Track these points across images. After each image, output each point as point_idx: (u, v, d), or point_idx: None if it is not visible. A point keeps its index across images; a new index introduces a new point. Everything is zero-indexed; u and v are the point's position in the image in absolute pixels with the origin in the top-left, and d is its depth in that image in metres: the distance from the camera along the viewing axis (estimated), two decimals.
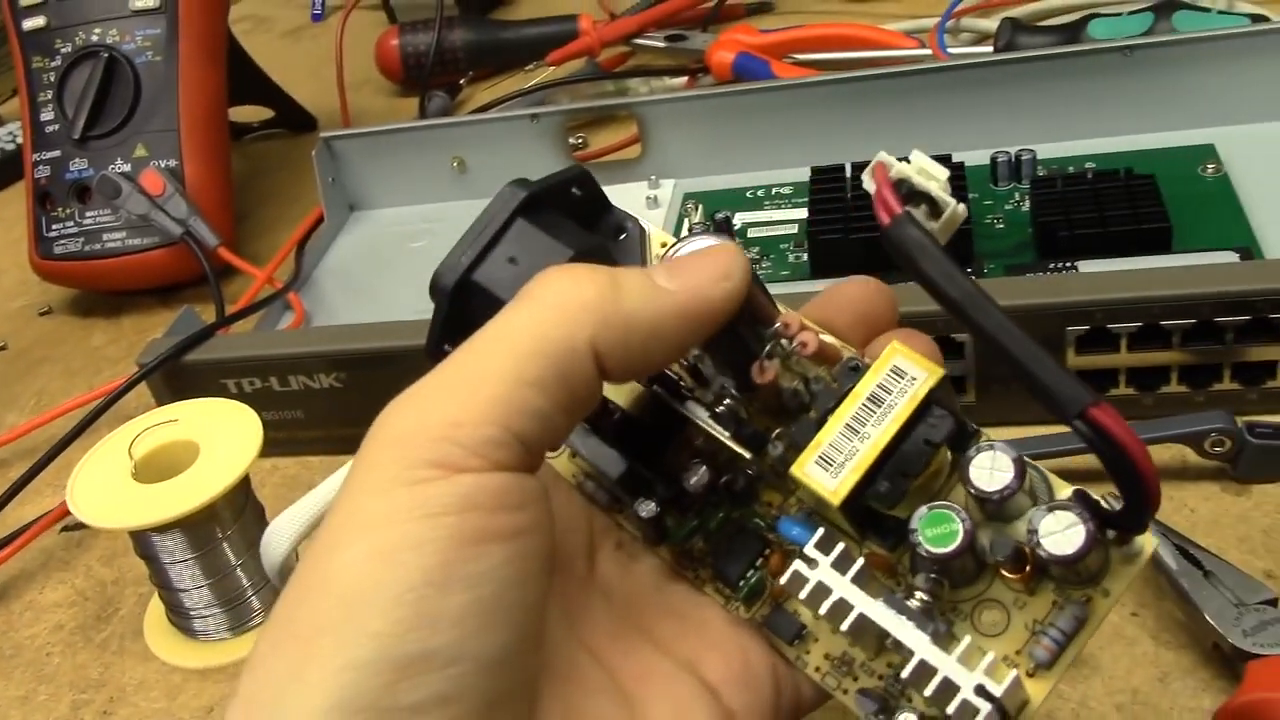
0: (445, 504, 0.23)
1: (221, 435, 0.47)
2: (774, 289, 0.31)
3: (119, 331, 0.74)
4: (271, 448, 0.49)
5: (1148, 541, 0.27)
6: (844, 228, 0.56)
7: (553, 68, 0.88)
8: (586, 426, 0.30)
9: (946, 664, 0.25)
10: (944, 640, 0.26)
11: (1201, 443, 0.44)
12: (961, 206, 0.31)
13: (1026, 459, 0.28)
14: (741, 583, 0.30)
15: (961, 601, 0.28)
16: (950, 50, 0.76)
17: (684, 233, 0.61)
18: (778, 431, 0.29)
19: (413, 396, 0.25)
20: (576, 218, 0.31)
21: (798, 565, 0.27)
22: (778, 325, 0.29)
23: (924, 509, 0.27)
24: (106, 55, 0.73)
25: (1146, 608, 0.41)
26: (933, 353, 0.28)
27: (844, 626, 0.26)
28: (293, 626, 0.24)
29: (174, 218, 0.71)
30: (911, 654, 0.26)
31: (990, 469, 0.26)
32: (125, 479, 0.46)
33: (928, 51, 0.76)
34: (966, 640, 0.26)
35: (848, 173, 0.60)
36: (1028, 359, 0.25)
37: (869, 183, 0.30)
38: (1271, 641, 0.36)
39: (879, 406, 0.27)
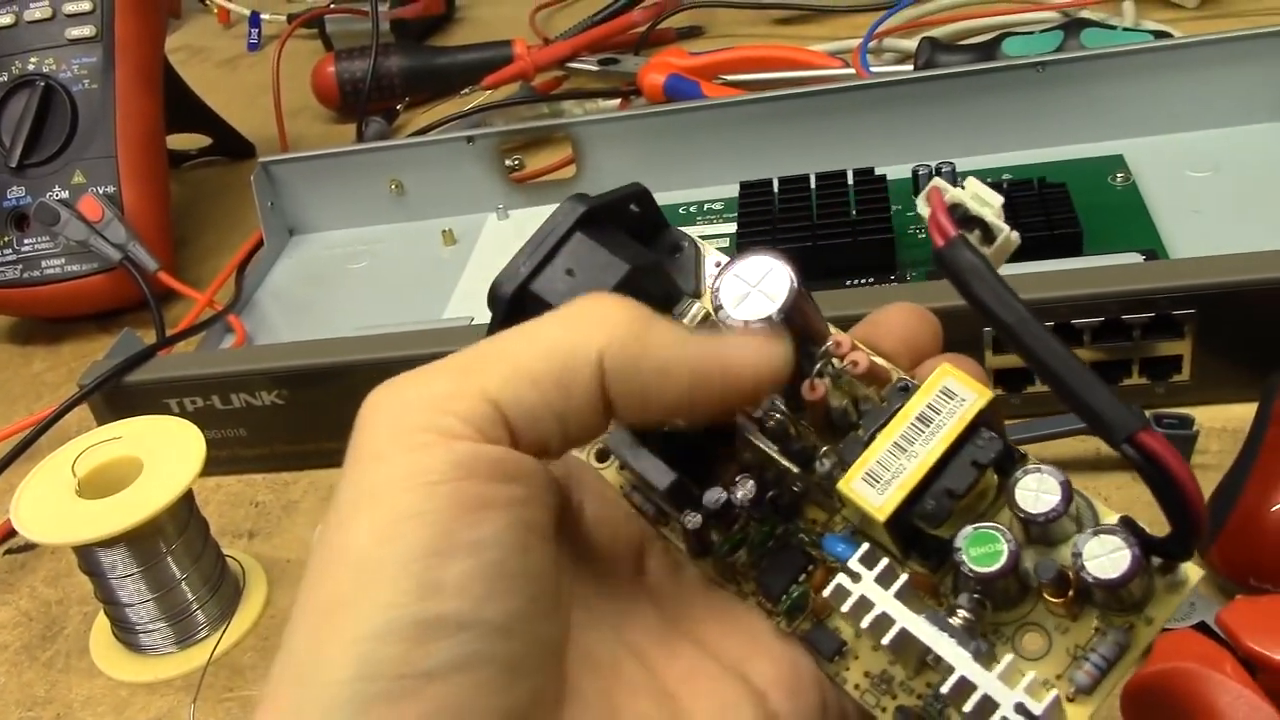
0: (442, 472, 0.24)
1: (164, 451, 0.48)
2: None
3: (59, 358, 0.74)
4: (215, 466, 0.49)
5: (1193, 571, 0.27)
6: (771, 239, 0.57)
7: (488, 91, 0.90)
8: (636, 439, 0.30)
9: (987, 681, 0.25)
10: (985, 659, 0.26)
11: None
12: (1015, 234, 0.30)
13: (1073, 485, 0.28)
14: (785, 597, 0.30)
15: (1004, 624, 0.28)
16: (872, 69, 0.78)
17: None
18: (825, 449, 0.29)
19: (412, 374, 0.26)
20: (634, 234, 0.31)
21: (841, 579, 0.27)
22: (829, 345, 0.29)
23: (969, 529, 0.26)
24: (43, 84, 0.74)
25: None
26: (980, 376, 0.29)
27: (885, 641, 0.26)
28: (311, 604, 0.24)
29: (113, 243, 0.71)
30: (952, 670, 0.25)
31: (1037, 491, 0.26)
32: (69, 496, 0.47)
33: (851, 71, 0.78)
34: (1008, 659, 0.25)
35: (775, 187, 0.62)
36: (1077, 383, 0.25)
37: (923, 207, 0.30)
38: (1177, 616, 0.38)
39: (927, 426, 0.27)
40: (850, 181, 0.60)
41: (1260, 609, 0.37)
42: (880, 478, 0.27)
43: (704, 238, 0.63)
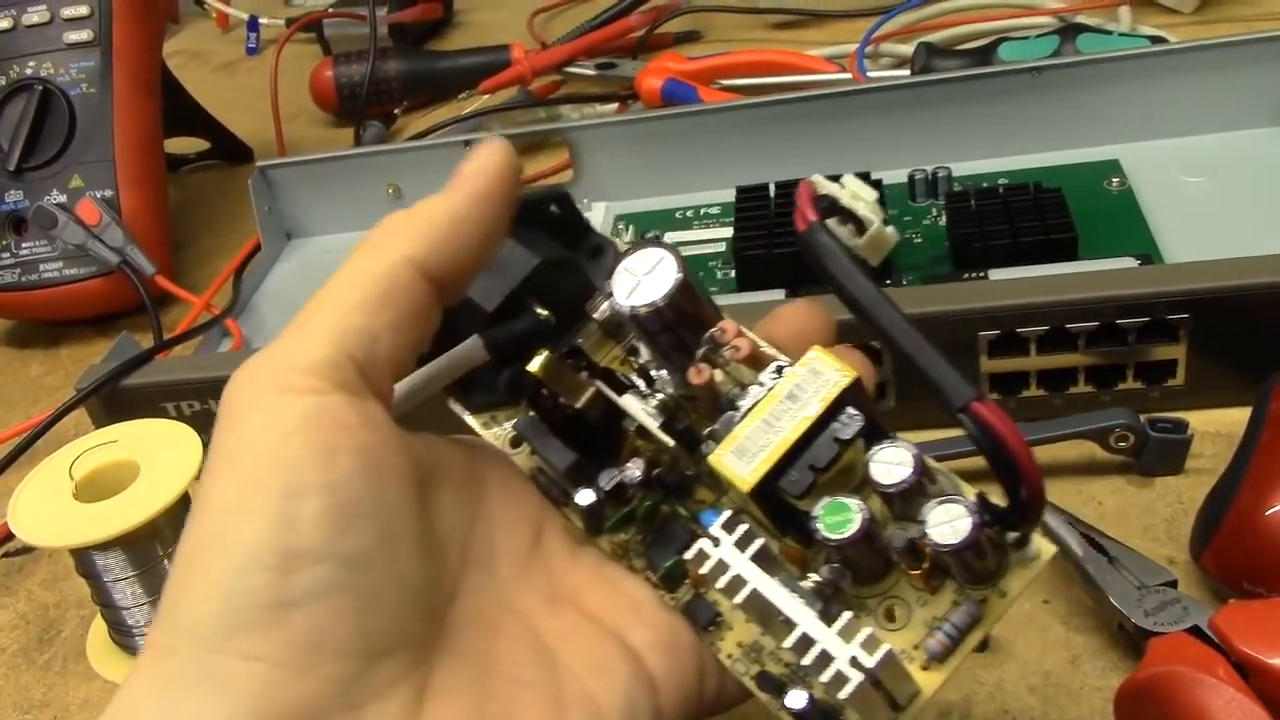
0: (294, 425, 0.26)
1: (161, 454, 0.48)
2: None
3: (57, 362, 0.74)
4: None
5: (1045, 547, 0.29)
6: (768, 244, 0.57)
7: (486, 96, 0.90)
8: (541, 423, 0.32)
9: (826, 636, 0.27)
10: (830, 619, 0.27)
11: (1107, 439, 0.46)
12: (891, 229, 0.32)
13: (935, 463, 0.29)
14: (661, 566, 0.31)
15: (868, 598, 0.30)
16: (869, 74, 0.78)
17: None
18: (709, 430, 0.30)
19: (262, 349, 0.28)
20: (556, 235, 0.33)
21: (703, 543, 0.28)
22: (714, 331, 0.30)
23: (827, 499, 0.28)
24: (41, 88, 0.74)
25: (1057, 595, 0.43)
26: (862, 366, 0.30)
27: (738, 600, 0.28)
28: (180, 553, 0.26)
29: (110, 247, 0.71)
30: (796, 627, 0.27)
31: (890, 464, 0.28)
32: (66, 499, 0.47)
33: (848, 75, 0.78)
34: (847, 616, 0.27)
35: (771, 192, 0.62)
36: (919, 355, 0.27)
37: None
38: (1171, 620, 0.38)
39: (795, 404, 0.28)
40: None
41: (1254, 613, 0.37)
42: (748, 451, 0.28)
43: (700, 242, 0.64)
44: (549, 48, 0.93)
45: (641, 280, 0.30)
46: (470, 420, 0.35)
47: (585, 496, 0.31)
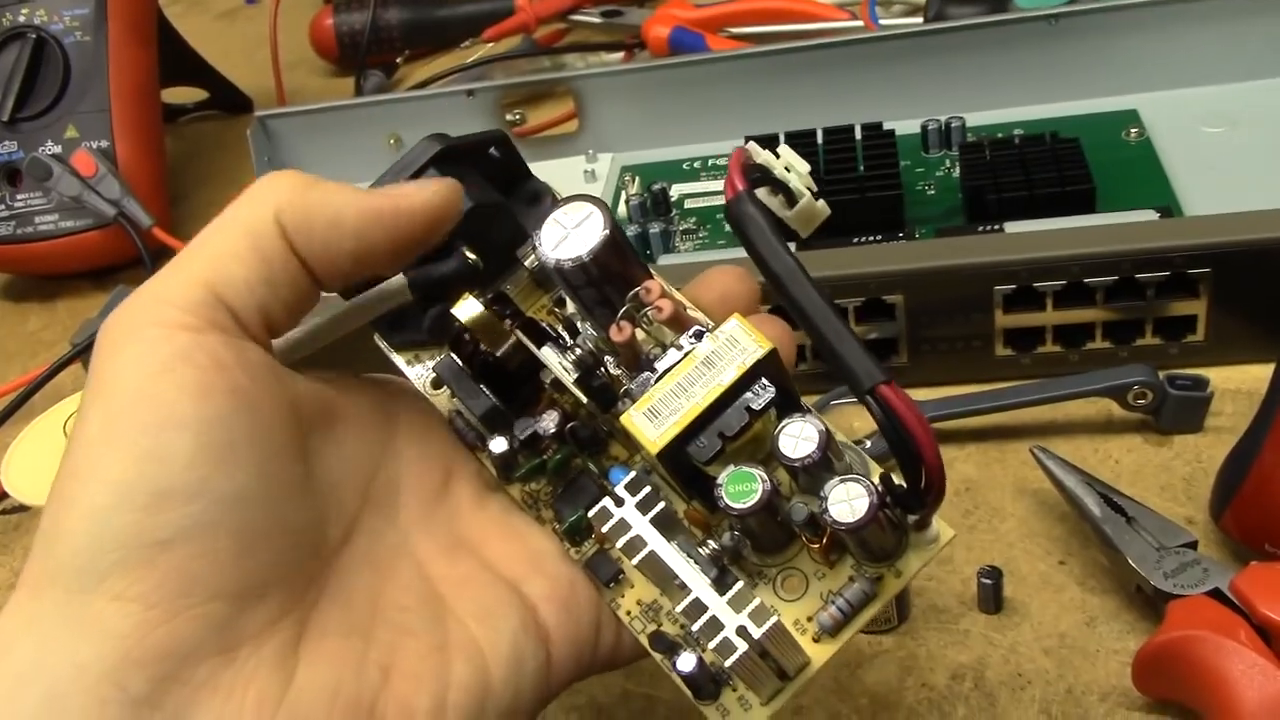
0: (166, 360, 0.25)
1: None
2: (710, 256, 0.32)
3: (54, 315, 0.73)
4: None
5: (945, 530, 0.29)
6: None
7: (489, 44, 0.88)
8: (462, 367, 0.32)
9: (716, 604, 0.27)
10: (723, 586, 0.27)
11: (1125, 396, 0.45)
12: (821, 203, 0.32)
13: (844, 439, 0.29)
14: (564, 520, 0.32)
15: (768, 567, 0.30)
16: (881, 22, 0.77)
17: (622, 204, 0.62)
18: (625, 388, 0.30)
19: (140, 287, 0.27)
20: (495, 179, 0.32)
21: (606, 502, 0.28)
22: (638, 290, 0.30)
23: (732, 467, 0.28)
24: (34, 36, 0.73)
25: (1073, 555, 0.42)
26: (783, 335, 0.30)
27: (635, 561, 0.28)
28: (55, 485, 0.25)
29: (107, 199, 0.70)
30: (689, 592, 0.27)
31: (797, 438, 0.28)
32: (60, 456, 0.46)
33: (859, 23, 0.76)
34: (739, 586, 0.27)
35: (781, 143, 0.60)
36: (832, 335, 0.27)
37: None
38: (1191, 582, 0.38)
39: (710, 370, 0.28)
40: (858, 137, 0.59)
41: (1275, 575, 0.36)
42: (660, 414, 0.28)
43: (708, 194, 0.63)
44: None
45: (570, 233, 0.30)
46: (394, 357, 0.35)
47: (498, 444, 0.32)
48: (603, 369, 0.31)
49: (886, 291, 0.49)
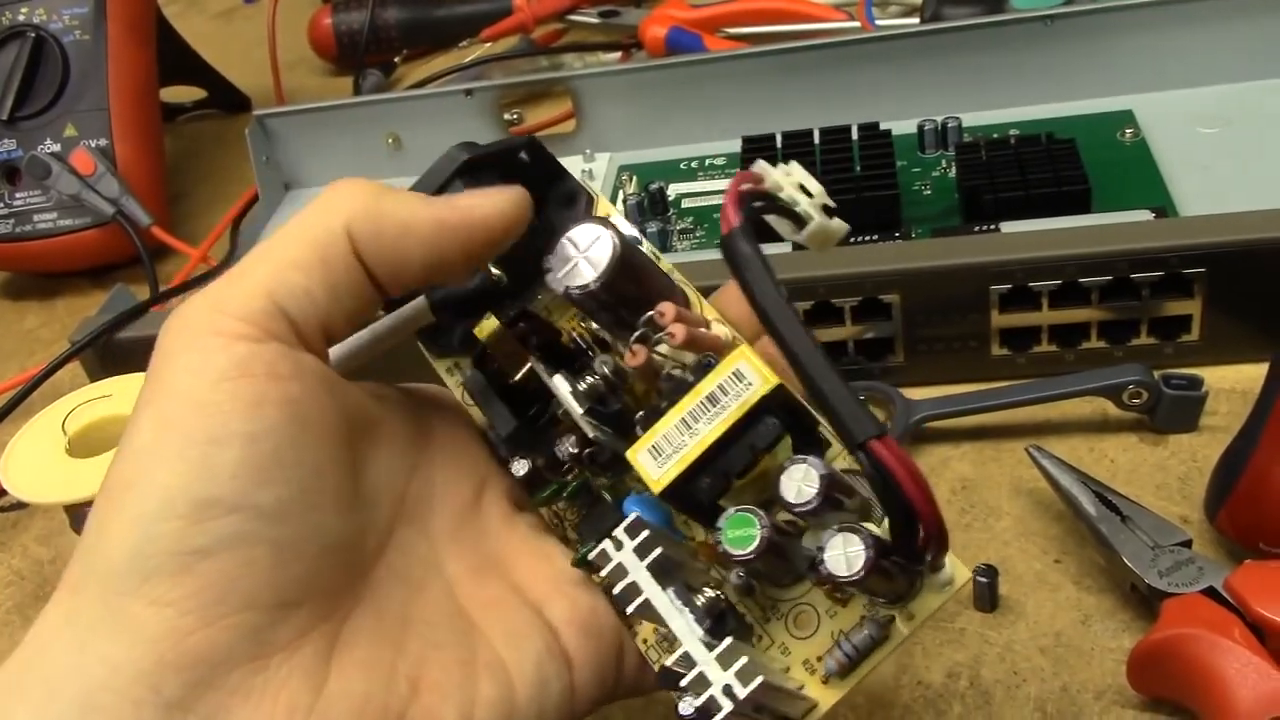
0: (222, 370, 0.26)
1: None
2: (708, 256, 0.31)
3: (52, 314, 0.73)
4: None
5: (960, 573, 0.28)
6: None
7: (487, 44, 0.88)
8: (487, 384, 0.32)
9: (704, 659, 0.26)
10: (718, 635, 0.27)
11: (1120, 395, 0.46)
12: (837, 222, 0.31)
13: (852, 482, 0.28)
14: (582, 548, 0.31)
15: (781, 601, 0.30)
16: (878, 22, 0.77)
17: (618, 204, 0.62)
18: (639, 416, 0.29)
19: (200, 290, 0.28)
20: (526, 186, 0.31)
21: (606, 544, 0.28)
22: (651, 314, 0.29)
23: (732, 510, 0.27)
24: (33, 35, 0.73)
25: (1069, 554, 0.42)
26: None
27: (630, 609, 0.27)
28: (102, 491, 0.26)
29: (105, 197, 0.70)
30: (680, 645, 0.27)
31: (799, 482, 0.26)
32: (59, 454, 0.46)
33: (856, 24, 0.77)
34: (727, 642, 0.27)
35: (778, 142, 0.61)
36: (824, 382, 0.26)
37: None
38: (1185, 581, 0.38)
39: (714, 406, 0.27)
40: (855, 137, 0.59)
41: (1269, 574, 0.36)
42: (663, 451, 0.27)
43: (705, 194, 0.63)
44: None
45: (579, 259, 0.29)
46: (436, 366, 0.34)
47: (520, 466, 0.31)
48: (618, 395, 0.30)
49: (883, 291, 0.49)
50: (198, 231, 0.75)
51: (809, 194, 0.30)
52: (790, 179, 0.31)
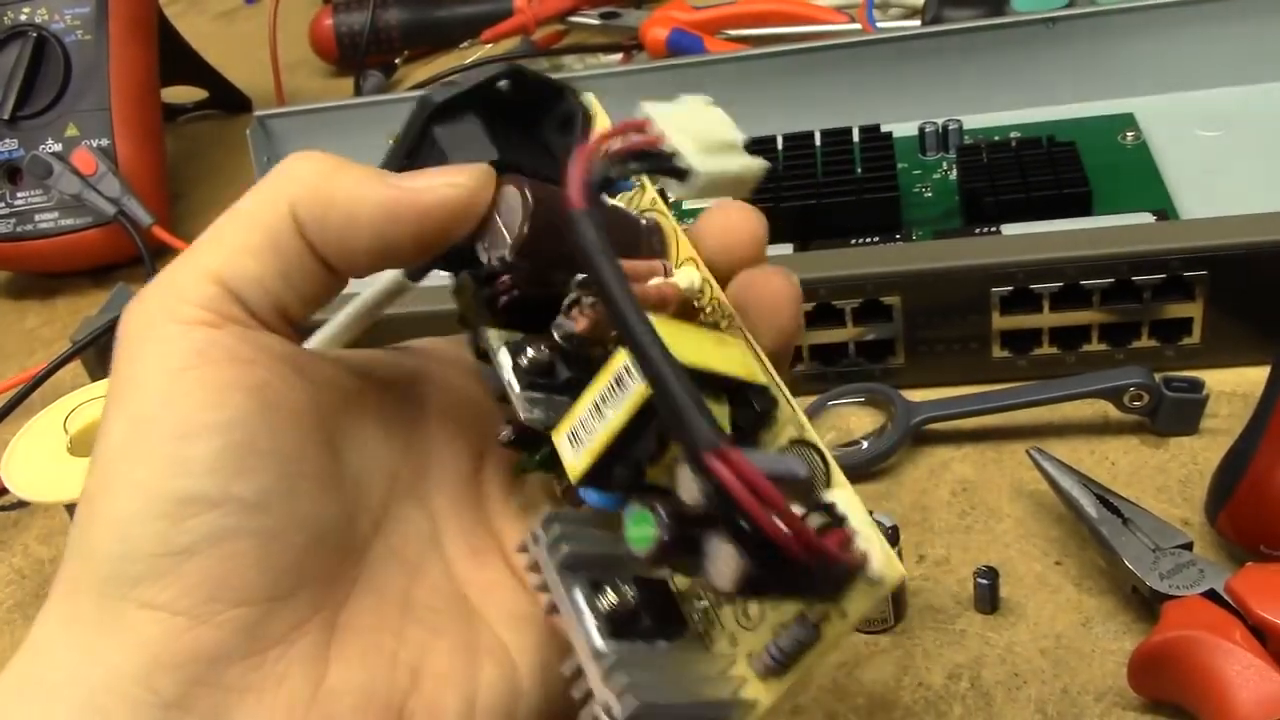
0: (184, 359, 0.25)
1: None
2: None
3: (53, 313, 0.73)
4: None
5: (891, 570, 0.24)
6: (775, 198, 0.56)
7: (488, 45, 0.88)
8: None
9: (592, 675, 0.25)
10: (605, 653, 0.25)
11: (1121, 397, 0.46)
12: (743, 162, 0.26)
13: (815, 445, 0.26)
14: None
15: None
16: (879, 24, 0.77)
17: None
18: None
19: (154, 279, 0.27)
20: (517, 118, 0.29)
21: (527, 538, 0.26)
22: (578, 276, 0.26)
23: (634, 505, 0.23)
24: (35, 35, 0.73)
25: (1069, 556, 0.42)
26: (791, 300, 0.28)
27: (542, 605, 0.26)
28: (85, 489, 0.25)
29: (107, 197, 0.71)
30: (575, 652, 0.25)
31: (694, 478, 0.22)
32: (60, 453, 0.46)
33: (857, 26, 0.77)
34: (612, 660, 0.24)
35: (779, 145, 0.61)
36: (662, 384, 0.22)
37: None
38: (1186, 583, 0.38)
39: (620, 390, 0.24)
40: (856, 139, 0.59)
41: (1271, 576, 0.36)
42: (579, 438, 0.25)
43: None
44: None
45: (500, 225, 0.27)
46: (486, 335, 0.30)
47: (505, 434, 0.28)
48: (577, 363, 0.27)
49: (884, 293, 0.49)
50: (198, 231, 0.73)
51: (692, 134, 0.26)
52: (676, 118, 0.26)
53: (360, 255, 0.27)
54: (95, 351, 0.56)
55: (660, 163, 0.26)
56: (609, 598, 0.26)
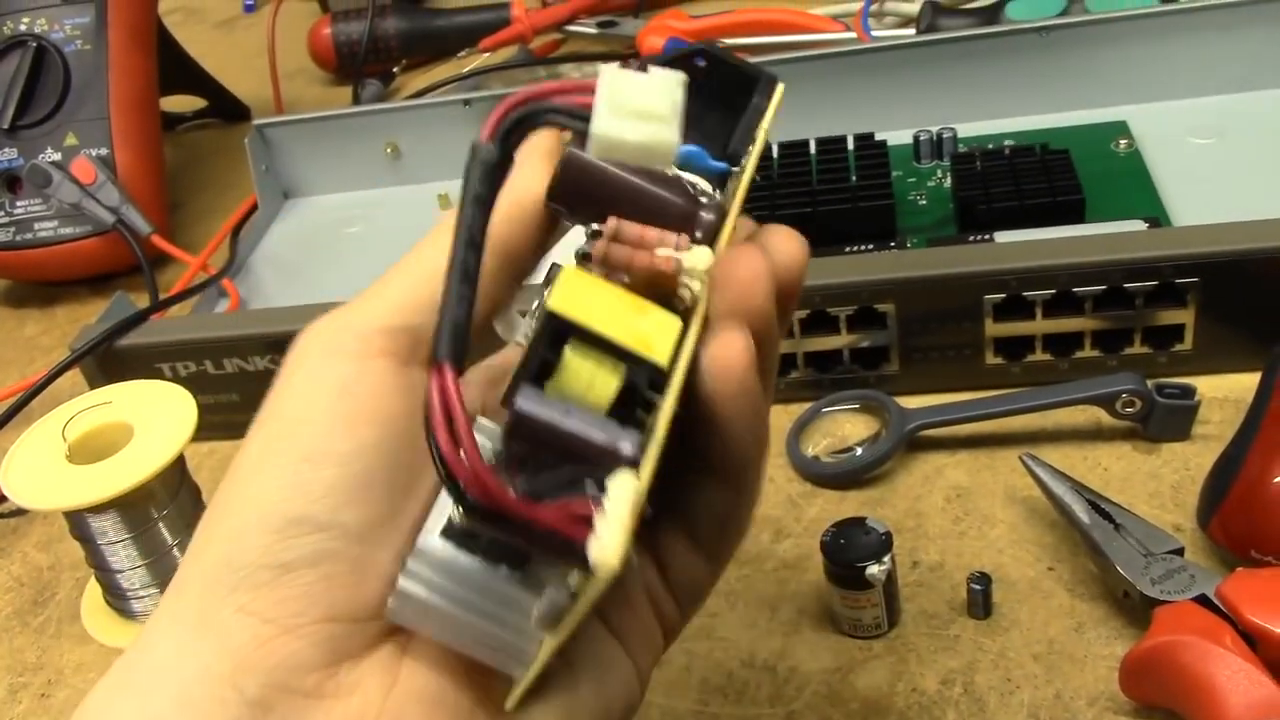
0: (328, 389, 0.26)
1: (156, 416, 0.47)
2: None
3: (52, 321, 0.74)
4: (207, 431, 0.49)
5: (604, 560, 0.22)
6: (770, 205, 0.57)
7: (486, 54, 0.89)
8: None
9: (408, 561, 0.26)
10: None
11: (1114, 404, 0.46)
12: (656, 133, 0.26)
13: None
14: None
15: None
16: (874, 33, 0.77)
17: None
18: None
19: (338, 307, 0.28)
20: (711, 96, 0.29)
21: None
22: (604, 225, 0.26)
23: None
24: (35, 44, 0.73)
25: (1062, 562, 0.43)
26: (796, 253, 0.29)
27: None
28: (215, 499, 0.27)
29: (106, 206, 0.71)
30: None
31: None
32: (59, 461, 0.46)
33: (853, 35, 0.77)
34: (432, 556, 0.25)
35: (774, 152, 0.61)
36: (448, 294, 0.24)
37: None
38: (1177, 588, 0.38)
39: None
40: (850, 147, 0.60)
41: (1261, 582, 0.37)
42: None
43: None
44: (549, 5, 0.92)
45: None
46: None
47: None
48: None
49: (878, 300, 0.49)
50: (197, 240, 0.75)
51: (611, 100, 0.26)
52: (618, 83, 0.26)
53: (537, 250, 0.29)
54: (94, 360, 0.56)
55: (569, 118, 0.26)
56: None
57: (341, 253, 0.69)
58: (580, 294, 0.25)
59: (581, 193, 0.27)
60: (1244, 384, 0.44)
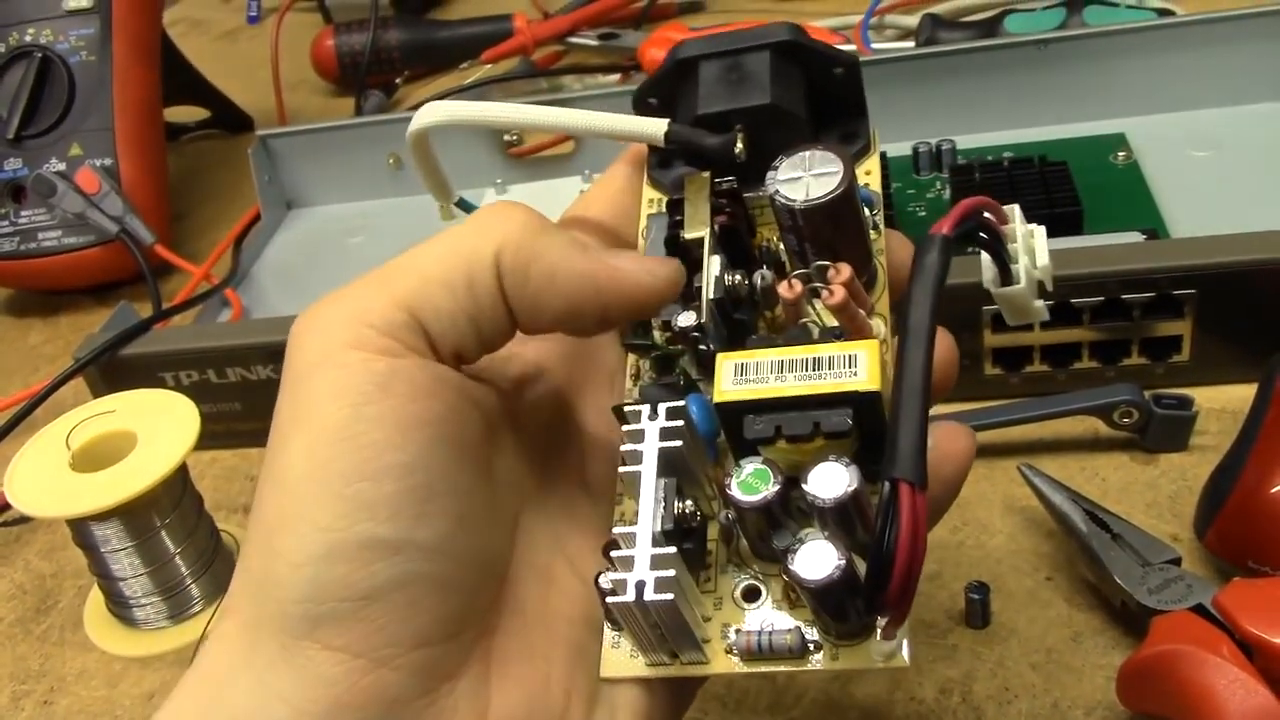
0: (367, 393, 0.25)
1: (159, 424, 0.48)
2: None
3: (56, 330, 0.74)
4: (209, 440, 0.49)
5: (901, 656, 0.27)
6: None
7: (488, 66, 0.89)
8: (663, 230, 0.31)
9: (642, 546, 0.26)
10: (668, 538, 0.27)
11: (1111, 414, 0.46)
12: (1040, 304, 0.30)
13: (862, 528, 0.27)
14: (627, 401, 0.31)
15: (746, 565, 0.29)
16: (874, 45, 0.78)
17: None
18: (753, 337, 0.29)
19: (335, 292, 0.27)
20: (821, 97, 0.32)
21: (644, 408, 0.28)
22: (830, 265, 0.29)
23: (759, 460, 0.27)
24: (40, 55, 0.74)
25: (1060, 572, 0.43)
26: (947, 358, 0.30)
27: (623, 471, 0.27)
28: (260, 523, 0.25)
29: (110, 216, 0.71)
30: (634, 524, 0.27)
31: (826, 479, 0.26)
32: (63, 469, 0.46)
33: (852, 47, 0.77)
34: (670, 550, 0.26)
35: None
36: (907, 408, 0.25)
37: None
38: (1174, 598, 0.38)
39: (813, 370, 0.27)
40: None
41: (1258, 591, 0.37)
42: (747, 374, 0.27)
43: None
44: (551, 17, 0.92)
45: (805, 177, 0.29)
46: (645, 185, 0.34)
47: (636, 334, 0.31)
48: (751, 310, 0.30)
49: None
50: (200, 250, 0.75)
51: (1034, 263, 0.30)
52: (1028, 238, 0.30)
53: (547, 315, 0.28)
54: (97, 369, 0.57)
55: (998, 251, 0.30)
56: (685, 505, 0.28)
57: (344, 263, 0.70)
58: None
59: (830, 225, 0.29)
60: (1241, 395, 0.45)
